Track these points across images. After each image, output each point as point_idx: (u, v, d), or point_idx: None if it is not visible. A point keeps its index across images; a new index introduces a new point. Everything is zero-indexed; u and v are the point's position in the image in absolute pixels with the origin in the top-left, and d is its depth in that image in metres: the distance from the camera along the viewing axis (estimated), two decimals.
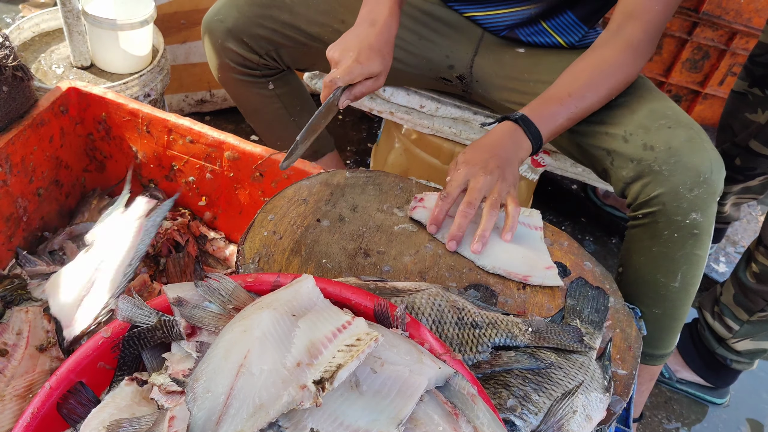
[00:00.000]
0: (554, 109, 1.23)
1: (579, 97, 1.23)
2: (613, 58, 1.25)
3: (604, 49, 1.26)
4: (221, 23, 1.46)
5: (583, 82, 1.24)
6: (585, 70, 1.25)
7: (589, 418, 0.93)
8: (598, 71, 1.25)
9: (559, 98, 1.23)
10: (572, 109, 1.23)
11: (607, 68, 1.25)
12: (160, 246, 1.49)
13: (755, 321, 1.63)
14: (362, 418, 0.67)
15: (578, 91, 1.23)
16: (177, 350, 0.83)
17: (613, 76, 1.25)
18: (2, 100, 1.34)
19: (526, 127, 1.20)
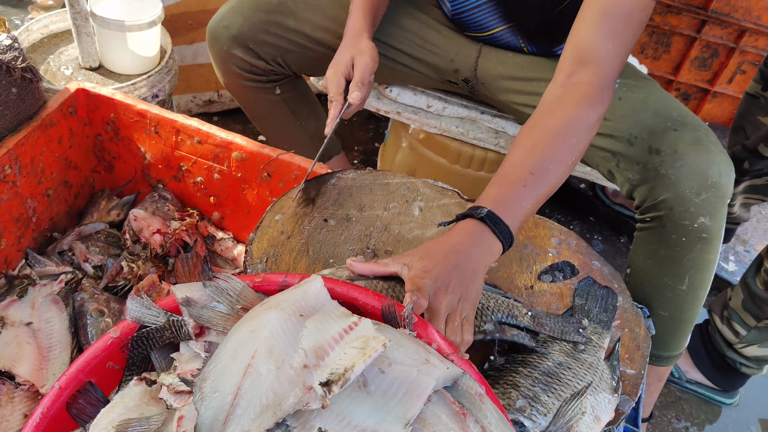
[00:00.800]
0: (520, 195, 1.02)
1: (543, 172, 1.03)
2: (570, 117, 1.06)
3: (558, 109, 1.08)
4: (226, 30, 1.46)
5: (542, 154, 1.04)
6: (542, 139, 1.06)
7: (598, 419, 0.93)
8: (556, 137, 1.05)
9: (521, 178, 1.02)
10: (538, 189, 1.03)
11: (565, 131, 1.06)
12: (169, 246, 1.49)
13: (762, 327, 1.63)
14: (370, 418, 0.67)
15: (539, 165, 1.03)
16: (185, 350, 0.83)
17: (574, 137, 1.06)
18: (12, 102, 1.35)
19: (495, 227, 0.98)
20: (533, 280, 1.14)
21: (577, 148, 1.06)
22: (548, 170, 1.03)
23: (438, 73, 1.53)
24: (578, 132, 1.06)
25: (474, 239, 0.97)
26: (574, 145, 1.06)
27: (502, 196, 1.02)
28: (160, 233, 1.51)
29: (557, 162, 1.04)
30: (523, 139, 1.07)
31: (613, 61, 1.07)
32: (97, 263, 1.49)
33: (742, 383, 1.81)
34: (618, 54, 1.07)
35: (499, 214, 0.99)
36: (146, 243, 1.51)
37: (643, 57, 2.51)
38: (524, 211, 1.01)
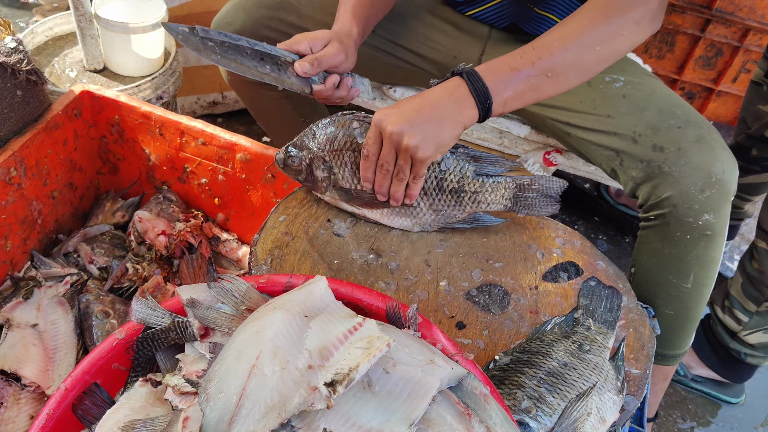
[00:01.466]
0: (514, 64, 1.03)
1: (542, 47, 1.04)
2: (593, 6, 1.06)
3: (586, 9, 1.08)
4: (229, 26, 1.47)
5: (552, 34, 1.06)
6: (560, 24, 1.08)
7: (603, 420, 0.92)
8: (572, 22, 1.06)
9: (521, 51, 1.04)
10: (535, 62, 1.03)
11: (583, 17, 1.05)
12: (174, 247, 1.49)
13: (764, 311, 1.62)
14: (375, 418, 0.67)
15: (543, 42, 1.04)
16: (190, 351, 0.83)
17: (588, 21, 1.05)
18: (16, 104, 1.35)
19: (471, 84, 1.00)
20: (538, 280, 1.14)
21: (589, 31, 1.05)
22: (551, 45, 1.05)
23: (440, 71, 1.53)
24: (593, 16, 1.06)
25: (449, 92, 1.02)
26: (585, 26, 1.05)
27: (495, 62, 1.04)
28: (165, 234, 1.51)
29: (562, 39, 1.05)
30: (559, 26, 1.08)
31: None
32: (102, 265, 1.49)
33: (750, 374, 1.80)
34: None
35: (482, 74, 1.01)
36: (151, 244, 1.51)
37: (647, 56, 2.50)
38: (515, 79, 1.02)
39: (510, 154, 1.66)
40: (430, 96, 1.02)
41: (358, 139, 1.11)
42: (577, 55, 1.06)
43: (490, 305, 1.09)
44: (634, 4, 1.08)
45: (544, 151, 1.60)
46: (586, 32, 1.06)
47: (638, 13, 1.08)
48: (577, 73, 1.08)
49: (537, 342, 1.01)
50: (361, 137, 1.11)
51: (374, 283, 1.08)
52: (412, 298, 1.07)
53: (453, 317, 1.06)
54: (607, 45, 1.08)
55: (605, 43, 1.08)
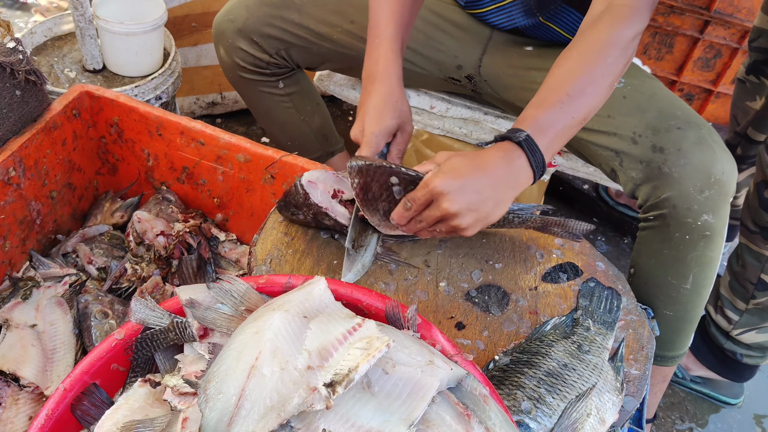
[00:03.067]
0: (557, 117, 1.04)
1: (580, 94, 1.04)
2: (604, 37, 1.07)
3: (593, 31, 1.09)
4: (232, 23, 1.47)
5: (578, 76, 1.06)
6: (578, 60, 1.07)
7: (603, 421, 0.93)
8: (592, 58, 1.07)
9: (559, 101, 1.04)
10: (575, 111, 1.04)
11: (601, 51, 1.06)
12: (173, 248, 1.49)
13: (753, 309, 1.61)
14: (374, 419, 0.67)
15: (577, 87, 1.05)
16: (189, 352, 0.83)
17: (610, 57, 1.06)
18: (16, 104, 1.35)
19: (531, 155, 1.01)
20: (537, 281, 1.14)
21: (613, 69, 1.07)
22: (585, 92, 1.05)
23: (441, 70, 1.53)
24: (613, 52, 1.06)
25: (505, 161, 1.00)
26: (610, 65, 1.06)
27: (541, 119, 1.03)
28: (164, 235, 1.51)
29: (594, 83, 1.05)
30: (561, 61, 1.09)
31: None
32: (101, 265, 1.49)
33: (751, 373, 1.78)
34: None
35: (536, 139, 1.01)
36: (150, 245, 1.51)
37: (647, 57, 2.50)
38: (560, 134, 1.04)
39: None
40: (492, 171, 1.00)
41: (396, 195, 1.05)
42: (604, 95, 1.08)
43: (489, 306, 1.09)
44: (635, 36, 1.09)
45: None
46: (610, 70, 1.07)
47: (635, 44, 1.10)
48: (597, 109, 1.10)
49: (536, 343, 1.01)
50: (399, 194, 1.04)
51: (374, 283, 1.08)
52: (412, 299, 1.07)
53: (452, 318, 1.06)
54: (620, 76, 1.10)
55: (620, 75, 1.10)
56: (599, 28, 1.08)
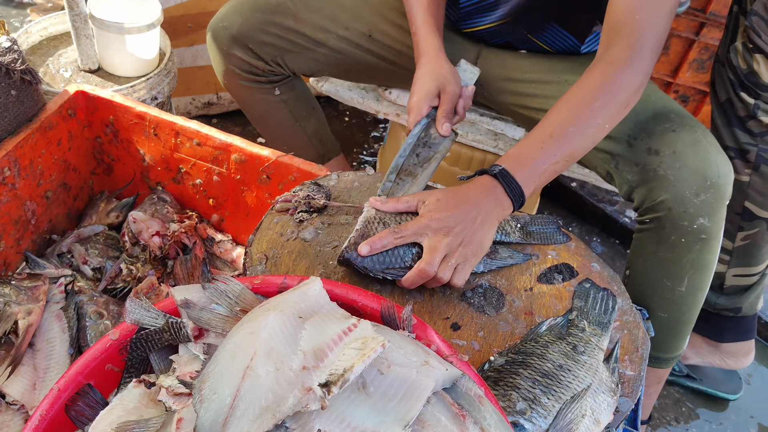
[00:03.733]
0: (536, 155, 1.09)
1: (562, 135, 1.09)
2: (595, 83, 1.11)
3: (586, 78, 1.13)
4: (226, 30, 1.46)
5: (564, 118, 1.10)
6: (565, 104, 1.12)
7: (598, 422, 0.93)
8: (579, 101, 1.11)
9: (540, 140, 1.09)
10: (557, 150, 1.08)
11: (588, 95, 1.11)
12: (168, 248, 1.49)
13: (740, 247, 1.56)
14: (369, 419, 0.67)
15: (560, 128, 1.09)
16: (184, 352, 0.83)
17: (597, 101, 1.10)
18: (11, 104, 1.35)
19: (507, 185, 1.07)
20: (533, 282, 1.14)
21: (602, 112, 1.10)
22: (567, 132, 1.09)
23: None
24: (602, 95, 1.10)
25: (486, 193, 1.07)
26: (597, 108, 1.10)
27: (519, 155, 1.10)
28: (159, 235, 1.51)
29: (577, 124, 1.09)
30: (552, 107, 1.13)
31: (642, 28, 1.11)
32: (96, 265, 1.49)
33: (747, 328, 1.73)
34: (648, 22, 1.11)
35: (513, 172, 1.08)
36: (145, 245, 1.51)
37: None
38: (540, 171, 1.09)
39: None
40: (475, 203, 1.06)
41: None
42: (591, 137, 1.12)
43: (485, 307, 1.09)
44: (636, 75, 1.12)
45: None
46: (598, 113, 1.11)
47: (637, 83, 1.13)
48: (587, 150, 1.14)
49: (532, 343, 1.01)
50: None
51: (369, 284, 1.08)
52: (407, 300, 1.07)
53: (448, 318, 1.06)
54: (615, 120, 1.14)
55: (613, 119, 1.13)
56: (591, 74, 1.13)
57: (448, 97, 1.25)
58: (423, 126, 1.24)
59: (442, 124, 1.24)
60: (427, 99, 1.24)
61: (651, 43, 1.12)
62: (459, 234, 1.03)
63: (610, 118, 1.12)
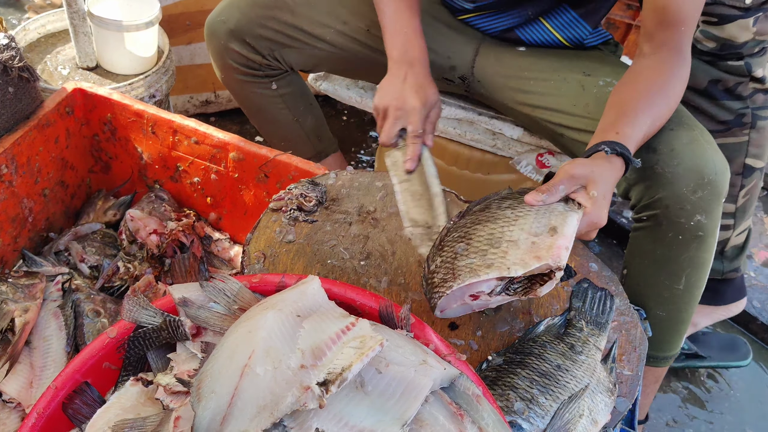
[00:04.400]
0: (638, 141, 1.14)
1: (652, 127, 1.16)
2: (663, 78, 1.18)
3: (651, 71, 1.20)
4: (224, 24, 1.47)
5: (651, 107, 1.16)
6: (646, 95, 1.17)
7: (595, 422, 0.93)
8: (660, 97, 1.17)
9: (644, 128, 1.14)
10: (642, 138, 1.15)
11: (661, 92, 1.17)
12: (166, 247, 1.49)
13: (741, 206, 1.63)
14: (367, 418, 0.67)
15: (652, 121, 1.15)
16: (182, 350, 0.83)
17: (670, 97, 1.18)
18: (8, 101, 1.35)
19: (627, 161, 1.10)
20: None
21: (670, 105, 1.19)
22: (655, 126, 1.17)
23: (434, 70, 1.52)
24: (670, 92, 1.18)
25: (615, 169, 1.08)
26: (664, 102, 1.17)
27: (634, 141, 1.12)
28: (157, 234, 1.50)
29: (656, 117, 1.17)
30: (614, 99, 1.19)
31: (692, 19, 1.18)
32: (94, 263, 1.48)
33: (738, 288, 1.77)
34: (695, 12, 1.18)
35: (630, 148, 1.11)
36: (143, 243, 1.51)
37: None
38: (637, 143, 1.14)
39: (503, 155, 1.66)
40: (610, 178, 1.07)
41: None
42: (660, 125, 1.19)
43: None
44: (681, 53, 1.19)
45: (537, 153, 1.60)
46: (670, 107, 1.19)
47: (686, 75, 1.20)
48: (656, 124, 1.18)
49: (530, 343, 1.01)
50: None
51: (367, 283, 1.08)
52: (405, 299, 1.07)
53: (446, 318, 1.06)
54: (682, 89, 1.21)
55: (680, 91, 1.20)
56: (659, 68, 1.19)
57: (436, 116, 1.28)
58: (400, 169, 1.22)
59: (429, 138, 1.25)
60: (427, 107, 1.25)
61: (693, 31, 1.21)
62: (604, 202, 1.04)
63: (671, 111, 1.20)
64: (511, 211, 0.99)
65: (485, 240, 0.94)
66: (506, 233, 0.95)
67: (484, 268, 0.89)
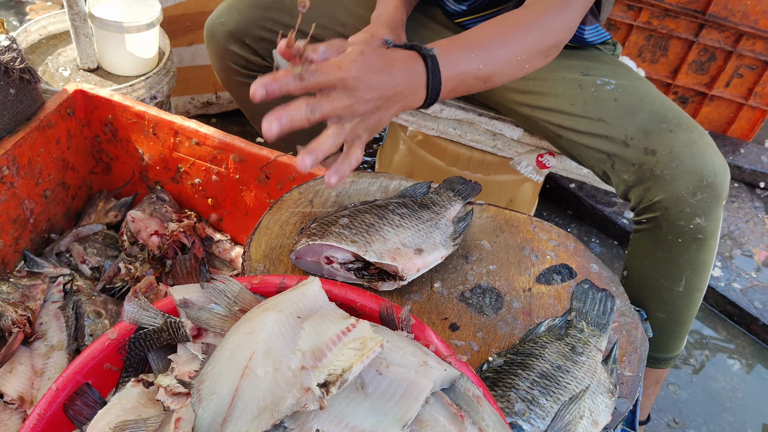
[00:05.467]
0: (464, 64, 1.03)
1: (489, 53, 1.05)
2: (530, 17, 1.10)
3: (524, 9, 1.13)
4: (223, 26, 1.47)
5: (497, 37, 1.07)
6: (501, 25, 1.10)
7: (596, 423, 0.93)
8: (514, 29, 1.09)
9: (473, 49, 1.04)
10: (480, 67, 1.04)
11: (524, 26, 1.09)
12: (167, 248, 1.49)
13: None
14: (368, 419, 0.67)
15: (492, 45, 1.05)
16: (183, 352, 0.83)
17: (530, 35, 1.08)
18: (9, 103, 1.35)
19: (432, 77, 0.99)
20: (531, 283, 1.14)
21: (532, 46, 1.09)
22: (497, 53, 1.06)
23: None
24: (536, 30, 1.09)
25: (409, 73, 0.97)
26: (529, 42, 1.08)
27: (453, 54, 1.02)
28: (158, 235, 1.50)
29: (508, 49, 1.07)
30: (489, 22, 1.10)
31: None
32: (95, 265, 1.48)
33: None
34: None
35: (441, 67, 0.99)
36: (144, 244, 1.51)
37: (641, 60, 2.51)
38: (460, 79, 1.03)
39: (503, 156, 1.66)
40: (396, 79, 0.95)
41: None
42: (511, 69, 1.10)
43: (483, 307, 1.09)
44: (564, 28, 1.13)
45: (537, 153, 1.60)
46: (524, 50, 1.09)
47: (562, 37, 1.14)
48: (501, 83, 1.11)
49: (530, 344, 1.01)
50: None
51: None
52: (406, 300, 1.07)
53: (446, 319, 1.06)
54: (534, 65, 1.12)
55: (533, 63, 1.11)
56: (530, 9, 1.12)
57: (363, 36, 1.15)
58: None
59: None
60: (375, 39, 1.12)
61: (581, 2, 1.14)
62: (367, 102, 0.92)
63: (533, 61, 1.11)
64: (399, 219, 1.08)
65: (365, 226, 1.05)
66: (383, 230, 1.05)
67: (349, 242, 1.01)
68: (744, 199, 2.52)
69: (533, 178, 1.74)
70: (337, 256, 1.03)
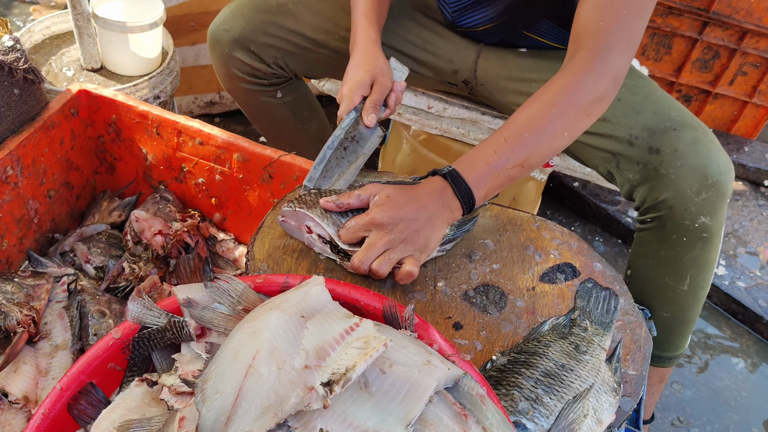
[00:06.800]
0: (489, 159, 1.06)
1: (515, 140, 1.07)
2: (555, 89, 1.08)
3: (549, 82, 1.11)
4: (227, 33, 1.45)
5: (521, 123, 1.08)
6: (527, 107, 1.10)
7: (600, 422, 0.92)
8: (537, 108, 1.08)
9: (494, 145, 1.07)
10: (509, 157, 1.06)
11: (547, 101, 1.08)
12: (170, 247, 1.49)
13: None
14: (371, 418, 0.67)
15: (515, 132, 1.07)
16: (187, 351, 0.83)
17: (555, 107, 1.07)
18: (13, 103, 1.35)
19: (455, 185, 1.06)
20: (535, 282, 1.14)
21: (558, 118, 1.07)
22: (522, 137, 1.07)
23: (437, 74, 1.53)
24: (560, 101, 1.07)
25: (435, 194, 1.06)
26: (555, 114, 1.07)
27: (472, 158, 1.08)
28: (162, 234, 1.51)
29: (533, 129, 1.07)
30: (514, 112, 1.12)
31: (606, 33, 1.08)
32: (99, 264, 1.49)
33: None
34: (613, 26, 1.07)
35: (463, 173, 1.06)
36: (147, 244, 1.51)
37: (645, 58, 2.51)
38: (493, 174, 1.07)
39: None
40: (423, 202, 1.05)
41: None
42: (548, 143, 1.09)
43: (487, 306, 1.09)
44: (598, 80, 1.08)
45: None
46: (556, 119, 1.07)
47: (601, 90, 1.09)
48: (547, 157, 1.12)
49: (534, 343, 1.01)
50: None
51: (371, 283, 1.08)
52: (409, 299, 1.07)
53: (450, 318, 1.06)
54: (575, 127, 1.10)
55: (573, 127, 1.10)
56: (552, 80, 1.11)
57: (380, 88, 1.24)
58: (353, 119, 1.22)
59: (369, 114, 1.22)
60: (359, 88, 1.23)
61: (618, 46, 1.08)
62: (402, 231, 1.02)
63: (569, 125, 1.08)
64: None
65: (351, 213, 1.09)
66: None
67: (330, 222, 1.08)
68: (748, 197, 2.51)
69: (536, 176, 1.74)
70: (318, 230, 1.09)
